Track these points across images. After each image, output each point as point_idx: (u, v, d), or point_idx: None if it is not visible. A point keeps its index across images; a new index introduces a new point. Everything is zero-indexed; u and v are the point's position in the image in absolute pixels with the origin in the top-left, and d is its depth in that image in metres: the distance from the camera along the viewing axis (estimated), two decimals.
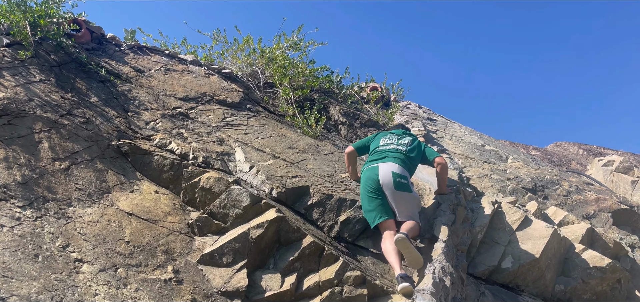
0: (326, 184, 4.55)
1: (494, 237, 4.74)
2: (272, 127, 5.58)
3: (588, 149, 15.02)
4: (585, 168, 12.68)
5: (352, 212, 4.27)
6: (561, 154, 14.67)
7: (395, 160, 4.30)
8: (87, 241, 3.23)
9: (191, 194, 4.15)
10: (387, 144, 4.53)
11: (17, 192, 3.25)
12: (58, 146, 3.83)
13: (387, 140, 4.59)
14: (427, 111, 9.13)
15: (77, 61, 5.02)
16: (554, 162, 13.06)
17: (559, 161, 13.29)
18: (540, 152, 14.13)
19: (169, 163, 4.27)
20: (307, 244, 3.75)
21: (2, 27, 4.67)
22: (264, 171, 4.47)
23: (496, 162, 7.16)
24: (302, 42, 7.01)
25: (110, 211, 3.63)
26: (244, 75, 6.53)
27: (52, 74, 4.60)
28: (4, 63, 4.28)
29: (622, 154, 14.48)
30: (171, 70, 5.77)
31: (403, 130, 4.85)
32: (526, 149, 14.49)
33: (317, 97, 6.89)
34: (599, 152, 14.77)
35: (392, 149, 4.44)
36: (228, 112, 5.45)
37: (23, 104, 3.93)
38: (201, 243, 3.79)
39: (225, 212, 3.93)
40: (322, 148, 5.51)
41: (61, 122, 4.04)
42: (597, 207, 6.51)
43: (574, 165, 13.13)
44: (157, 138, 4.53)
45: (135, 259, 3.31)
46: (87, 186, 3.72)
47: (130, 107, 4.89)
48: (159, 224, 3.76)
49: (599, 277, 4.77)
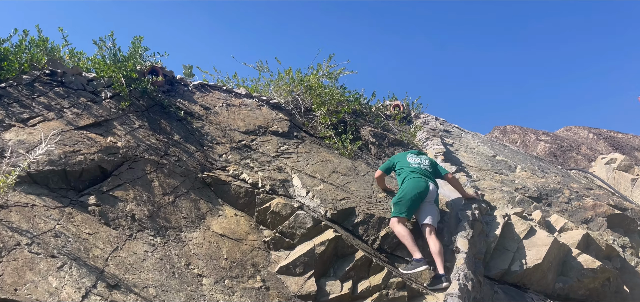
0: (368, 204, 5.64)
1: (504, 245, 5.80)
2: (316, 151, 6.66)
3: (598, 133, 15.66)
4: (594, 152, 13.58)
5: (391, 228, 5.35)
6: (571, 139, 15.35)
7: (431, 179, 5.59)
8: (200, 260, 4.33)
9: (263, 216, 5.24)
10: (415, 162, 5.78)
11: (147, 224, 4.36)
12: (164, 183, 4.93)
13: (412, 159, 5.85)
14: (443, 123, 10.17)
15: (159, 104, 6.12)
16: (563, 148, 13.90)
17: (569, 146, 14.10)
18: (550, 137, 14.85)
19: (244, 191, 5.36)
20: (359, 257, 4.84)
21: (103, 81, 5.76)
22: (318, 195, 5.56)
23: (506, 172, 8.19)
24: (334, 72, 8.06)
25: (209, 233, 4.74)
26: (287, 103, 7.60)
27: (145, 119, 5.70)
28: (112, 114, 5.39)
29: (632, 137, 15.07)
30: (231, 106, 6.86)
31: (418, 151, 6.25)
32: (536, 134, 15.27)
33: (349, 119, 7.96)
34: (609, 136, 15.43)
35: (424, 170, 5.68)
36: (281, 141, 6.53)
37: (134, 150, 5.03)
38: (276, 256, 4.89)
39: (293, 231, 5.03)
40: (359, 169, 6.58)
41: (162, 162, 5.14)
42: (594, 212, 7.53)
43: (583, 149, 13.95)
44: (231, 169, 5.62)
45: (234, 272, 4.42)
46: (189, 214, 4.83)
47: (205, 142, 5.98)
48: (243, 243, 4.86)
49: (591, 276, 5.83)
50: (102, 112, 5.35)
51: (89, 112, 5.21)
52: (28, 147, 4.24)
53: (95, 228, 3.97)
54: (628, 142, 15.22)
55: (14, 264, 3.05)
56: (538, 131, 15.71)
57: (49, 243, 3.41)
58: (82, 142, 4.65)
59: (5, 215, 3.41)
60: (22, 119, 4.60)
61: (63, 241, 3.54)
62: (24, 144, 4.28)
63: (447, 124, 10.26)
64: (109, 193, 4.40)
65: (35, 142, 4.32)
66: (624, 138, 15.65)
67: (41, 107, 4.88)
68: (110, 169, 4.65)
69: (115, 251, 3.82)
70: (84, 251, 3.59)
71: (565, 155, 13.88)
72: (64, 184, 4.24)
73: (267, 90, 7.98)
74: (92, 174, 4.48)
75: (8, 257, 3.07)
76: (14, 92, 4.90)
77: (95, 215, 4.11)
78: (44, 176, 4.11)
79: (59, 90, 5.27)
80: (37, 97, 5.00)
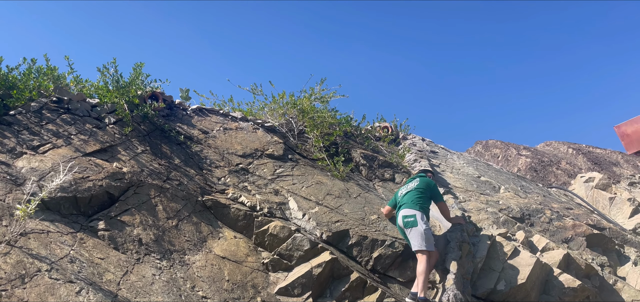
0: (361, 226, 5.90)
1: (490, 265, 6.11)
2: (310, 174, 6.92)
3: (577, 148, 16.06)
4: (574, 167, 13.99)
5: (383, 249, 5.62)
6: (551, 154, 15.77)
7: (405, 206, 5.75)
8: (204, 282, 4.55)
9: (261, 238, 5.47)
10: (401, 194, 6.01)
11: (154, 247, 4.57)
12: (167, 207, 5.15)
13: (403, 191, 6.00)
14: (430, 144, 10.52)
15: (160, 129, 6.33)
16: (544, 163, 14.30)
17: (549, 161, 14.51)
18: (531, 152, 15.26)
19: (243, 214, 5.59)
20: (354, 278, 5.09)
21: (106, 106, 5.97)
22: (313, 217, 5.81)
23: (490, 193, 8.54)
24: (326, 96, 8.36)
25: (211, 256, 4.96)
26: (281, 126, 7.86)
27: (146, 144, 5.92)
28: (116, 140, 5.59)
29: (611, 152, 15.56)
30: (228, 129, 7.10)
31: (418, 174, 6.32)
32: (517, 149, 15.66)
33: (340, 141, 8.25)
34: (588, 151, 15.83)
35: (404, 195, 5.89)
36: (276, 164, 6.78)
37: (139, 175, 5.24)
38: (275, 278, 5.12)
39: (290, 253, 5.27)
40: (351, 191, 6.86)
41: (165, 186, 5.35)
42: (574, 232, 7.90)
43: (563, 164, 14.35)
44: (230, 192, 5.85)
45: (235, 293, 4.64)
46: (191, 237, 5.04)
47: (204, 166, 6.21)
48: (243, 264, 5.08)
49: (572, 295, 6.15)
50: (107, 137, 5.55)
51: (95, 138, 5.41)
52: (40, 175, 4.43)
53: (106, 253, 4.17)
54: (606, 158, 15.68)
55: (37, 290, 3.24)
56: (519, 146, 16.09)
57: (66, 269, 3.61)
58: (90, 169, 4.86)
59: (25, 242, 3.61)
60: (32, 146, 4.79)
61: (78, 266, 3.74)
62: (36, 171, 4.47)
63: (433, 144, 10.61)
64: (117, 218, 4.61)
65: (47, 170, 4.51)
66: (603, 153, 16.11)
67: (50, 134, 5.08)
68: (117, 195, 4.85)
69: (126, 275, 4.03)
70: (97, 276, 3.79)
71: (545, 170, 14.29)
72: (75, 209, 4.44)
73: (261, 113, 8.24)
74: (100, 200, 4.69)
75: (31, 283, 3.27)
76: (23, 120, 5.08)
77: (105, 240, 4.32)
78: (56, 203, 4.30)
79: (65, 117, 5.47)
80: (46, 124, 5.20)
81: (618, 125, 10.87)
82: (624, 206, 10.39)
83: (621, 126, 10.82)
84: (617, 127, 10.79)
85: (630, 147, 10.78)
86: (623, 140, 10.83)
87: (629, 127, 10.69)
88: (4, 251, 3.38)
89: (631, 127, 10.64)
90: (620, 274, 7.44)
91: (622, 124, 10.84)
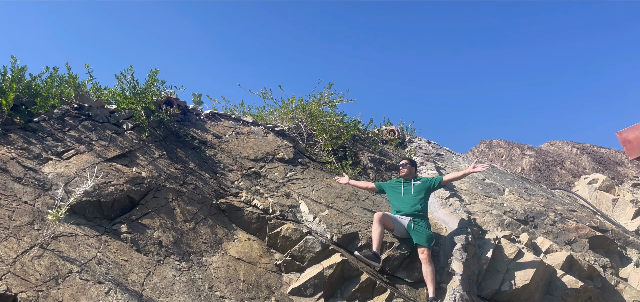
0: (369, 228, 6.09)
1: (495, 267, 6.30)
2: (319, 177, 7.13)
3: (581, 147, 16.14)
4: (578, 167, 14.11)
5: (391, 252, 5.81)
6: (555, 153, 15.86)
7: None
8: (221, 282, 4.76)
9: (274, 240, 5.68)
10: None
11: (173, 249, 4.79)
12: (185, 210, 5.36)
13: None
14: (436, 146, 10.71)
15: (175, 134, 6.55)
16: (548, 163, 14.42)
17: (553, 161, 14.63)
18: (535, 152, 15.36)
19: (256, 216, 5.80)
20: (364, 279, 5.29)
21: (124, 112, 6.19)
22: (324, 220, 6.02)
23: (495, 195, 8.73)
24: (334, 100, 8.56)
25: (226, 257, 5.17)
26: (291, 130, 8.07)
27: (163, 148, 6.13)
28: (134, 145, 5.81)
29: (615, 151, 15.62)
30: (240, 134, 7.31)
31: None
32: (521, 148, 15.78)
33: (348, 145, 8.45)
34: (593, 151, 15.90)
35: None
36: (287, 168, 6.99)
37: (157, 179, 5.46)
38: (288, 278, 5.33)
39: (302, 255, 5.47)
40: (360, 194, 7.05)
41: (182, 190, 5.57)
42: (577, 234, 8.08)
43: (567, 164, 14.46)
44: (243, 195, 6.06)
45: (251, 293, 4.85)
46: (208, 239, 5.25)
47: (218, 170, 6.42)
48: (257, 265, 5.29)
49: (574, 296, 6.33)
50: (126, 143, 5.77)
51: (115, 144, 5.63)
52: (66, 180, 4.66)
53: (129, 254, 4.39)
54: (610, 157, 15.79)
55: (70, 291, 3.46)
56: (523, 145, 16.19)
57: (95, 270, 3.83)
58: (112, 174, 5.07)
59: (56, 245, 3.83)
60: (57, 152, 5.01)
61: (105, 268, 3.96)
62: (62, 177, 4.70)
63: (439, 147, 10.80)
64: (138, 221, 4.82)
65: (72, 175, 4.73)
66: (607, 153, 16.20)
67: (73, 140, 5.30)
68: (137, 199, 5.07)
69: (149, 276, 4.24)
70: (123, 276, 4.01)
71: (549, 170, 14.43)
72: (98, 213, 4.66)
73: (271, 117, 8.44)
74: (122, 204, 4.90)
75: (64, 284, 3.48)
76: (47, 126, 5.31)
77: (127, 242, 4.53)
78: (82, 207, 4.52)
79: (86, 124, 5.69)
80: (68, 130, 5.42)
81: (620, 132, 11.04)
82: (626, 207, 10.55)
83: (623, 132, 10.99)
84: (619, 134, 10.96)
85: (632, 153, 10.95)
86: (625, 147, 11.00)
87: (630, 134, 10.86)
88: (37, 253, 3.60)
89: (633, 133, 10.81)
90: (622, 276, 7.62)
91: (623, 130, 11.01)
